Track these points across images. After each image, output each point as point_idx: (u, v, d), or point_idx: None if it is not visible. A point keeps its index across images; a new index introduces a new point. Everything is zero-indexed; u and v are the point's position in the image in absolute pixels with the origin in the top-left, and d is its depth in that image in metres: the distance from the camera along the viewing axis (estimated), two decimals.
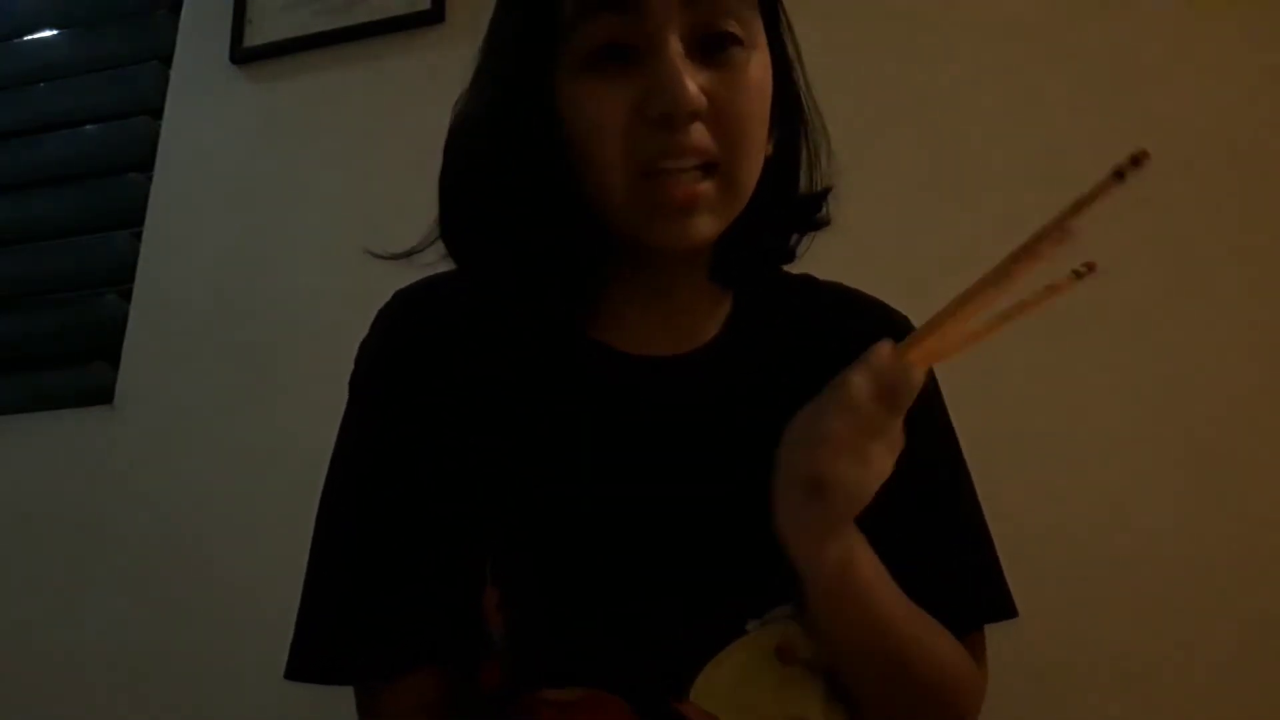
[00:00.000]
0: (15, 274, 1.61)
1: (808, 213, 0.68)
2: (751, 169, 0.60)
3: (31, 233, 1.63)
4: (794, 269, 0.73)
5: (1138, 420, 1.08)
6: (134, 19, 1.70)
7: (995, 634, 0.69)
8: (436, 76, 1.44)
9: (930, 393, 0.70)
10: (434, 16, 1.48)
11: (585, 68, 0.57)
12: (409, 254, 0.67)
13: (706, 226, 0.58)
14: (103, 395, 1.47)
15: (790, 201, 0.67)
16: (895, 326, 0.68)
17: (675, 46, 0.55)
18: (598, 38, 0.56)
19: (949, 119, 1.23)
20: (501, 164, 0.60)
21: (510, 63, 0.60)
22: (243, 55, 1.57)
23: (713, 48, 0.57)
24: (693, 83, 0.55)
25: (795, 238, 0.69)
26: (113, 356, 1.49)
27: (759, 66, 0.60)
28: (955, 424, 0.71)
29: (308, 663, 0.61)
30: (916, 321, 0.71)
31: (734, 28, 0.58)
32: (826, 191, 0.68)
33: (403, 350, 0.65)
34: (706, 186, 0.57)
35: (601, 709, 0.57)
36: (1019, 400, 1.10)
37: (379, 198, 1.43)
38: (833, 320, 0.69)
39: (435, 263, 0.67)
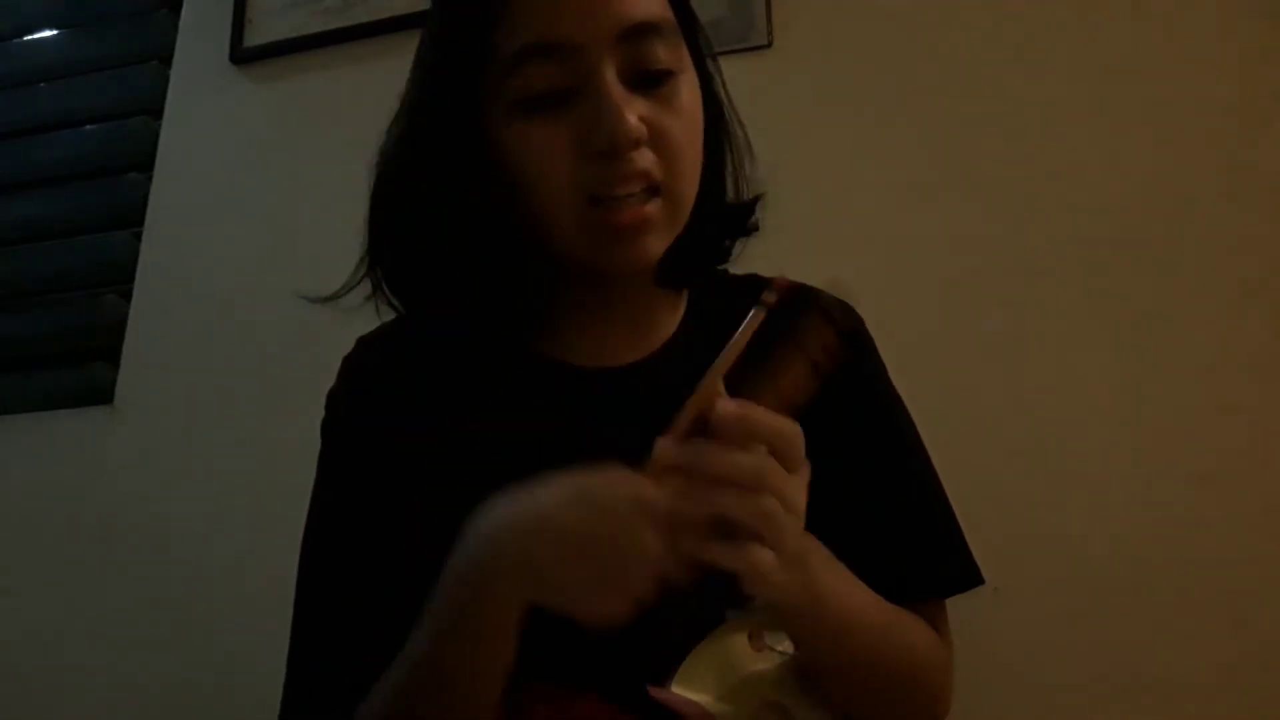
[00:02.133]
0: (15, 274, 1.61)
1: (741, 220, 0.71)
2: (691, 187, 0.63)
3: (31, 233, 1.63)
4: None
5: (1139, 423, 1.08)
6: (134, 19, 1.70)
7: (1000, 641, 0.69)
8: None
9: (871, 371, 0.73)
10: None
11: (524, 111, 0.59)
12: (335, 297, 0.70)
13: (654, 246, 0.61)
14: (103, 395, 1.47)
15: (722, 209, 0.69)
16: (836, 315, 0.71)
17: (612, 81, 0.58)
18: (535, 84, 0.58)
19: (942, 119, 1.23)
20: (437, 207, 0.62)
21: (441, 106, 0.62)
22: (243, 55, 1.57)
23: (647, 81, 0.60)
24: (632, 114, 0.57)
25: (729, 241, 0.72)
26: (113, 356, 1.49)
27: (690, 89, 0.62)
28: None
29: (300, 706, 0.63)
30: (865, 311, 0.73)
31: (664, 61, 0.60)
32: (757, 199, 0.71)
33: (365, 393, 0.68)
34: (653, 208, 0.60)
35: (592, 704, 0.59)
36: (1018, 404, 1.10)
37: None
38: None
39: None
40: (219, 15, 1.59)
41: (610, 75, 0.58)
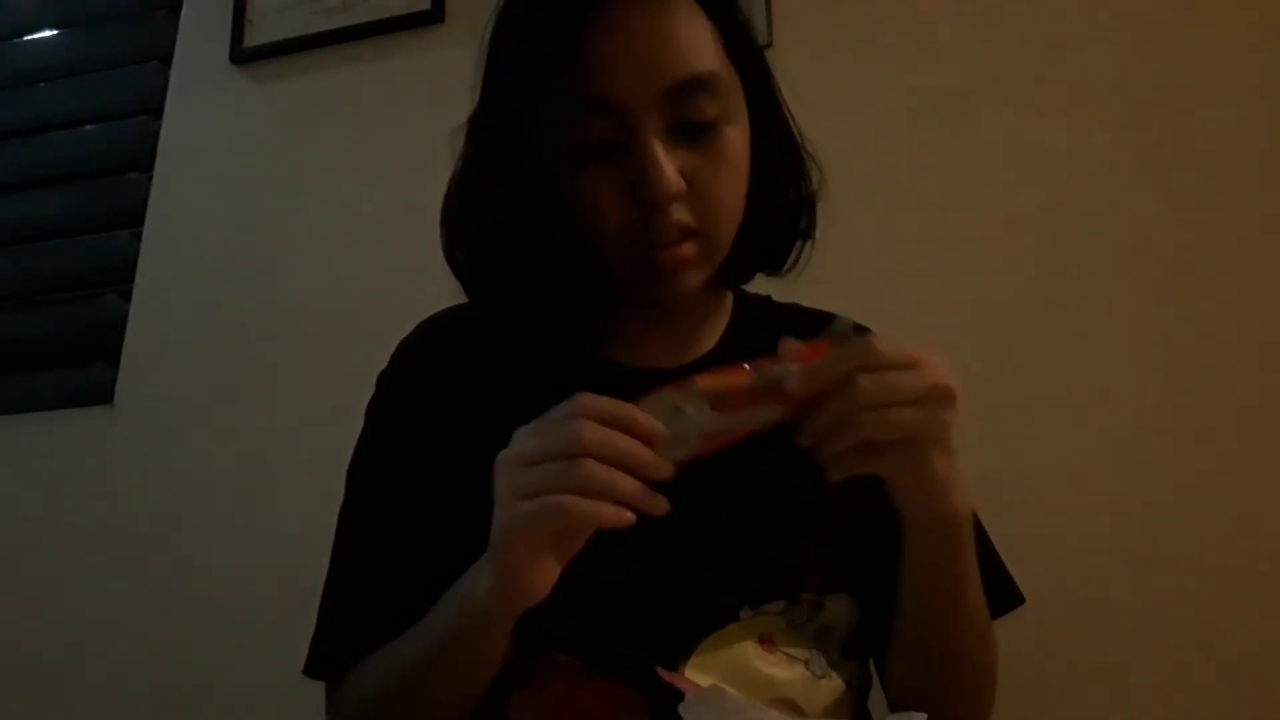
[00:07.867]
0: (15, 274, 1.62)
1: (794, 221, 0.73)
2: (730, 227, 0.66)
3: (31, 233, 1.63)
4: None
5: (1137, 419, 1.08)
6: (134, 19, 1.70)
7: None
8: (436, 76, 1.44)
9: None
10: (434, 16, 1.48)
11: (583, 158, 0.62)
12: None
13: (692, 280, 0.65)
14: (103, 395, 1.47)
15: (772, 217, 0.71)
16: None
17: (655, 139, 0.61)
18: (592, 135, 0.62)
19: (943, 119, 1.23)
20: (512, 229, 0.65)
21: (515, 141, 0.64)
22: (243, 55, 1.57)
23: (693, 133, 0.63)
24: (671, 169, 0.61)
25: (789, 247, 0.74)
26: (113, 356, 1.49)
27: (737, 137, 0.65)
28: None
29: (325, 663, 0.67)
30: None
31: (711, 112, 0.63)
32: (812, 201, 0.73)
33: (416, 379, 0.73)
34: (689, 249, 0.63)
35: (604, 683, 0.61)
36: (1019, 400, 1.11)
37: (379, 197, 1.43)
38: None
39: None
40: (219, 15, 1.60)
41: (652, 133, 0.61)
